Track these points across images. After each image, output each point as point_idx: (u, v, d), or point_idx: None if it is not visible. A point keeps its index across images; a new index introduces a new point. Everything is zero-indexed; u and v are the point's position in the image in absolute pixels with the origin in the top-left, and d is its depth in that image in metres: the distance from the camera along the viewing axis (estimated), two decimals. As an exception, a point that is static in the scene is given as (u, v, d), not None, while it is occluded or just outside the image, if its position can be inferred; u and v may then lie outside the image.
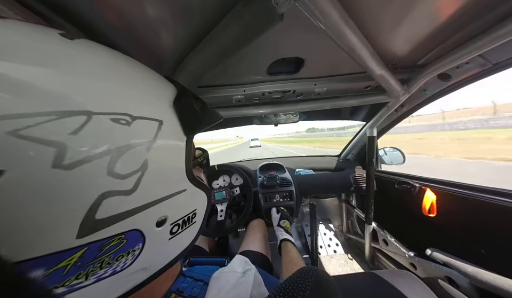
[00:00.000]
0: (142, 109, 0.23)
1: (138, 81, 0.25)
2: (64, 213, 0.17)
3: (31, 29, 0.19)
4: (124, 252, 0.21)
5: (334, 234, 1.83)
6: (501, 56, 0.64)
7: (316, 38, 0.56)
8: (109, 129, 0.19)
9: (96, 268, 0.19)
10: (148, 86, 0.26)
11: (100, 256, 0.19)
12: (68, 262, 0.17)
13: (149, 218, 0.23)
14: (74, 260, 0.18)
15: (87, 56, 0.21)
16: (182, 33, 0.50)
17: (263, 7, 0.38)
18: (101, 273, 0.20)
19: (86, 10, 0.41)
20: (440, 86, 0.87)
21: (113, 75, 0.22)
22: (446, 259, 0.81)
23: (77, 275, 0.18)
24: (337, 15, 0.42)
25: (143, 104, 0.24)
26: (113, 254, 0.20)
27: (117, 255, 0.20)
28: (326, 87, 0.86)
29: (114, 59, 0.24)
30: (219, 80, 0.79)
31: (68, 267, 0.17)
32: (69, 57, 0.20)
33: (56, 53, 0.19)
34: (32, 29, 0.19)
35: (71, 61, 0.20)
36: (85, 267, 0.18)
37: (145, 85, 0.26)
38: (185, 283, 0.30)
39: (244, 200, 1.27)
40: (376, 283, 0.75)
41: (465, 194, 0.84)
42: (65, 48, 0.20)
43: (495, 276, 0.65)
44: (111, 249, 0.20)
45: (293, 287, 0.22)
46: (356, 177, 1.40)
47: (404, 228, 1.17)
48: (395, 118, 1.20)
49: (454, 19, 0.52)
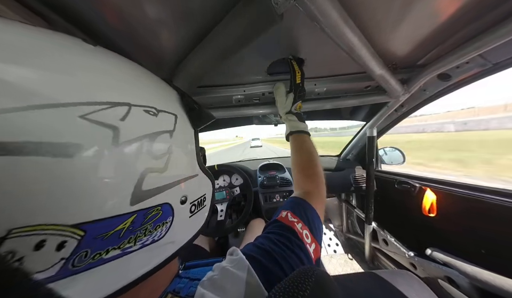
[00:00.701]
0: (163, 104, 0.28)
1: (156, 82, 0.30)
2: (121, 183, 0.21)
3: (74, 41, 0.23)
4: (160, 223, 0.25)
5: (334, 234, 1.83)
6: (501, 56, 0.64)
7: (316, 38, 0.56)
8: (144, 118, 0.24)
9: (141, 235, 0.23)
10: (163, 87, 0.31)
11: (144, 223, 0.23)
12: (123, 225, 0.21)
13: (175, 195, 0.28)
14: (127, 225, 0.22)
15: (117, 62, 0.27)
16: (182, 34, 0.50)
17: (263, 7, 0.38)
18: (144, 239, 0.24)
19: (86, 11, 0.41)
20: (440, 86, 0.87)
21: (138, 76, 0.28)
22: (446, 259, 0.81)
23: (128, 239, 0.22)
24: (337, 15, 0.42)
25: (163, 101, 0.29)
26: (153, 223, 0.24)
27: (155, 224, 0.25)
28: (326, 87, 0.86)
29: (134, 65, 0.29)
30: (219, 80, 0.79)
31: (123, 231, 0.21)
32: (108, 64, 0.25)
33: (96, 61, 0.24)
34: (75, 42, 0.23)
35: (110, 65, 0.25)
36: (134, 232, 0.22)
37: (161, 85, 0.31)
38: (182, 284, 0.30)
39: (244, 199, 1.27)
40: (376, 283, 0.75)
41: (465, 194, 0.84)
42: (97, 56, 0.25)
43: (495, 276, 0.65)
44: (152, 218, 0.24)
45: (293, 286, 0.22)
46: (356, 176, 1.40)
47: (404, 228, 1.17)
48: (395, 118, 1.20)
49: (454, 19, 0.52)
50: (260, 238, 0.37)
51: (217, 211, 1.18)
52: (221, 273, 0.29)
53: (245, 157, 2.70)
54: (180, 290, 0.28)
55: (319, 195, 0.50)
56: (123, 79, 0.25)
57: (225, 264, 0.31)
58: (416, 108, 1.07)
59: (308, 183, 0.53)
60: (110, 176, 0.20)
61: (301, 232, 0.36)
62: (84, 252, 0.19)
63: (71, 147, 0.17)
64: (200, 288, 0.27)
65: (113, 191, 0.20)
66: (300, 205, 0.43)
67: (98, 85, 0.22)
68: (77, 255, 0.18)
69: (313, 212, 0.43)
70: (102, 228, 0.20)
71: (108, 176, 0.20)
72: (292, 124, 0.65)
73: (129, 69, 0.27)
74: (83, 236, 0.18)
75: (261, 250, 0.33)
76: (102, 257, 0.20)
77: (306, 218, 0.40)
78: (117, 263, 0.22)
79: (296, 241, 0.34)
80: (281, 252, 0.32)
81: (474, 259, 0.74)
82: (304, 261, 0.32)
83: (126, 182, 0.21)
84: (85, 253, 0.19)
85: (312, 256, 0.35)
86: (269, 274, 0.29)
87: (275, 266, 0.30)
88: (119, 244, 0.21)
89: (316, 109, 0.97)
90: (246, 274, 0.28)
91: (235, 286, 0.27)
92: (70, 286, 0.18)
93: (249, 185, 1.25)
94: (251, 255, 0.31)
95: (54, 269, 0.17)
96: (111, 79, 0.23)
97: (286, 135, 0.67)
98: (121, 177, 0.21)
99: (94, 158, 0.19)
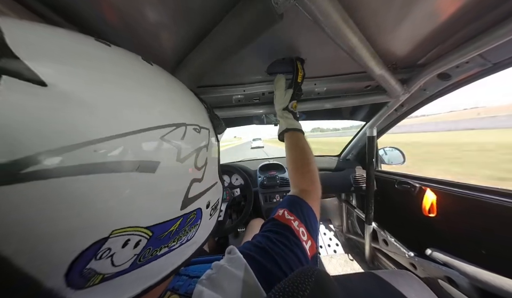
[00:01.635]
0: (201, 120, 0.31)
1: (192, 98, 0.33)
2: (178, 192, 0.25)
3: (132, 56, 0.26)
4: (194, 225, 0.29)
5: (334, 234, 1.83)
6: (501, 56, 0.64)
7: (316, 38, 0.56)
8: (193, 135, 0.28)
9: (181, 235, 0.26)
10: (197, 103, 0.34)
11: (185, 225, 0.27)
12: (174, 227, 0.24)
13: (204, 201, 0.30)
14: (176, 227, 0.25)
15: (172, 81, 0.30)
16: (182, 34, 0.50)
17: (263, 7, 0.38)
18: (183, 239, 0.27)
19: (86, 11, 0.41)
20: (440, 86, 0.87)
21: (185, 95, 0.31)
22: (446, 259, 0.81)
23: (173, 239, 0.25)
24: (337, 15, 0.42)
25: (201, 117, 0.32)
26: (189, 225, 0.27)
27: (191, 226, 0.28)
28: (326, 87, 0.86)
29: (179, 82, 0.32)
30: (219, 80, 0.79)
31: (172, 232, 0.24)
32: (166, 85, 0.28)
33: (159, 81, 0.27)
34: (135, 57, 0.26)
35: (169, 86, 0.28)
36: (178, 233, 0.26)
37: (195, 101, 0.33)
38: (181, 281, 0.30)
39: (244, 200, 1.27)
40: (376, 283, 0.75)
41: (465, 194, 0.84)
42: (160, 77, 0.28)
43: (495, 276, 0.65)
44: (189, 221, 0.27)
45: (293, 286, 0.22)
46: (356, 177, 1.40)
47: (404, 228, 1.17)
48: (395, 118, 1.20)
49: (454, 19, 0.52)
50: (258, 236, 0.37)
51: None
52: (218, 271, 0.29)
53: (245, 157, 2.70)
54: (179, 288, 0.28)
55: (314, 193, 0.51)
56: (180, 100, 0.29)
57: (223, 262, 0.31)
58: (416, 108, 1.07)
59: (304, 181, 0.53)
60: (173, 186, 0.24)
61: (298, 229, 0.37)
62: (148, 249, 0.22)
63: (154, 164, 0.21)
64: (199, 285, 0.27)
65: (173, 199, 0.24)
66: (296, 203, 0.44)
67: (169, 108, 0.26)
68: (144, 251, 0.22)
69: (309, 210, 0.43)
70: (162, 229, 0.23)
71: (172, 186, 0.24)
72: (288, 121, 0.64)
73: (179, 89, 0.30)
74: (151, 236, 0.22)
75: (259, 249, 0.33)
76: (156, 254, 0.23)
77: (302, 216, 0.40)
78: (163, 259, 0.25)
79: (294, 239, 0.35)
80: (279, 251, 0.32)
81: (474, 259, 0.74)
82: (302, 260, 0.33)
83: (180, 191, 0.25)
84: (148, 250, 0.22)
85: (309, 253, 0.35)
86: (267, 273, 0.29)
87: (273, 265, 0.30)
88: (167, 243, 0.24)
89: (315, 109, 0.97)
90: (243, 272, 0.28)
91: (232, 284, 0.27)
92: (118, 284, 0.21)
93: (249, 185, 1.25)
94: (249, 253, 0.32)
95: (128, 264, 0.21)
96: (174, 102, 0.27)
97: (279, 133, 0.66)
98: (179, 186, 0.25)
99: (166, 172, 0.23)
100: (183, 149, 0.25)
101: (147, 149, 0.21)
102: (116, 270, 0.20)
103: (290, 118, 0.64)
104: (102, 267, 0.19)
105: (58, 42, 0.19)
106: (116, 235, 0.19)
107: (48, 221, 0.15)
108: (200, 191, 0.29)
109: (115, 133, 0.19)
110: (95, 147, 0.17)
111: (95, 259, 0.18)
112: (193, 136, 0.27)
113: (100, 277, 0.19)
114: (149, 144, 0.21)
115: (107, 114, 0.19)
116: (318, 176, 0.55)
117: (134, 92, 0.22)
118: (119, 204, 0.19)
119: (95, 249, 0.18)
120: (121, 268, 0.20)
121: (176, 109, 0.27)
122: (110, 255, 0.19)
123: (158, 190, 0.22)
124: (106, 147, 0.18)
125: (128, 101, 0.21)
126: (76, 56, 0.19)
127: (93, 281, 0.18)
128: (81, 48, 0.20)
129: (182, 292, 0.27)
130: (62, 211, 0.16)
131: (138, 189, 0.20)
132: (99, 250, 0.18)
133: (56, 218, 0.16)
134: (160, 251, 0.24)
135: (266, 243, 0.34)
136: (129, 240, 0.20)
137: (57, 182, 0.15)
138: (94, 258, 0.18)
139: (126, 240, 0.20)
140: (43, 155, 0.15)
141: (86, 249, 0.17)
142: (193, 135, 0.28)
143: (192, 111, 0.30)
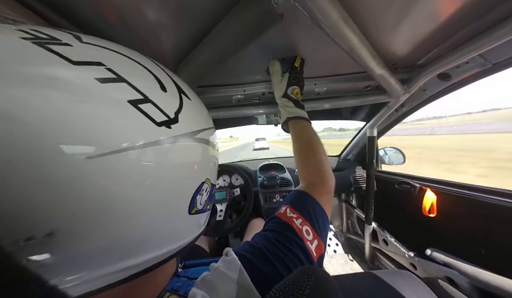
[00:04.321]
0: (212, 123, 0.39)
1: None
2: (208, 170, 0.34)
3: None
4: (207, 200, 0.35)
5: (334, 234, 1.83)
6: (501, 56, 0.64)
7: (316, 38, 0.56)
8: (214, 135, 0.38)
9: (206, 204, 0.35)
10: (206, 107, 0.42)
11: (212, 193, 0.37)
12: (212, 191, 0.37)
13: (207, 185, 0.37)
14: (212, 192, 0.37)
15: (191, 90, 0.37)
16: (183, 34, 0.50)
17: (263, 7, 0.38)
18: (208, 207, 0.36)
19: (86, 11, 0.41)
20: (440, 86, 0.87)
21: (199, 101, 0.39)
22: (446, 259, 0.81)
23: (209, 202, 0.36)
24: (337, 15, 0.42)
25: (212, 120, 0.39)
26: (209, 198, 0.36)
27: (209, 199, 0.36)
28: (326, 87, 0.86)
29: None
30: (219, 80, 0.79)
31: (212, 193, 0.37)
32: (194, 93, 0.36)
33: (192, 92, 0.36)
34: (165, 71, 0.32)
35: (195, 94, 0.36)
36: (210, 198, 0.36)
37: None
38: (180, 283, 0.30)
39: (244, 199, 1.27)
40: (376, 283, 0.75)
41: (465, 194, 0.84)
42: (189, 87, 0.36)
43: (495, 276, 0.65)
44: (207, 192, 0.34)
45: (293, 286, 0.22)
46: (356, 177, 1.40)
47: (404, 228, 1.17)
48: (395, 118, 1.20)
49: (454, 19, 0.52)
50: (257, 236, 0.36)
51: (217, 211, 1.18)
52: (213, 273, 0.29)
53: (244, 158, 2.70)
54: (178, 289, 0.28)
55: (323, 186, 0.46)
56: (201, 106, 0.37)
57: (218, 264, 0.30)
58: (417, 108, 1.07)
59: (310, 173, 0.50)
60: (208, 166, 0.34)
61: (300, 228, 0.34)
62: (206, 201, 0.33)
63: (215, 146, 0.37)
64: (195, 288, 0.27)
65: (209, 174, 0.34)
66: (300, 199, 0.41)
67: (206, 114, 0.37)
68: (206, 200, 0.33)
69: (315, 206, 0.40)
70: (209, 187, 0.34)
71: (207, 166, 0.34)
72: (288, 109, 0.59)
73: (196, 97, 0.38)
74: (213, 186, 0.36)
75: (254, 250, 0.32)
76: (203, 208, 0.33)
77: (307, 212, 0.38)
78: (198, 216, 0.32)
79: (295, 239, 0.33)
80: (276, 252, 0.31)
81: (474, 259, 0.74)
82: (303, 260, 0.31)
83: (207, 170, 0.33)
84: (205, 201, 0.33)
85: (314, 253, 0.33)
86: (260, 274, 0.28)
87: (267, 266, 0.29)
88: (207, 203, 0.34)
89: (315, 109, 0.97)
90: (238, 274, 0.27)
91: (226, 287, 0.26)
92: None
93: (249, 185, 1.25)
94: (243, 254, 0.31)
95: (202, 205, 0.32)
96: (204, 108, 0.38)
97: (282, 124, 0.62)
98: (208, 168, 0.34)
99: (214, 154, 0.36)
100: (210, 142, 0.35)
101: (213, 137, 0.36)
102: (200, 207, 0.31)
103: (291, 106, 0.59)
104: (198, 201, 0.30)
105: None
106: (206, 181, 0.32)
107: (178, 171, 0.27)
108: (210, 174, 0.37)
109: (206, 127, 0.34)
110: (205, 132, 0.33)
111: (199, 194, 0.30)
112: (213, 136, 0.37)
113: (195, 209, 0.30)
114: (212, 136, 0.36)
115: (203, 115, 0.35)
116: (329, 167, 0.50)
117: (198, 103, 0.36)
118: (204, 164, 0.32)
119: (200, 187, 0.30)
120: (201, 207, 0.32)
121: (206, 115, 0.37)
122: (202, 193, 0.31)
123: (210, 161, 0.35)
124: (207, 132, 0.34)
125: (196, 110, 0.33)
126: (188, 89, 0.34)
127: (193, 210, 0.29)
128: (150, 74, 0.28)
129: (181, 293, 0.27)
130: (185, 166, 0.28)
131: (209, 156, 0.34)
132: (201, 187, 0.31)
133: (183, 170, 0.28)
134: (205, 206, 0.33)
135: (263, 243, 0.33)
136: (208, 187, 0.33)
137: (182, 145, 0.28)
138: (198, 193, 0.30)
139: (206, 187, 0.32)
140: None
141: (199, 186, 0.30)
142: (213, 132, 0.38)
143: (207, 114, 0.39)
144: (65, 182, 0.17)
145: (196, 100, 0.34)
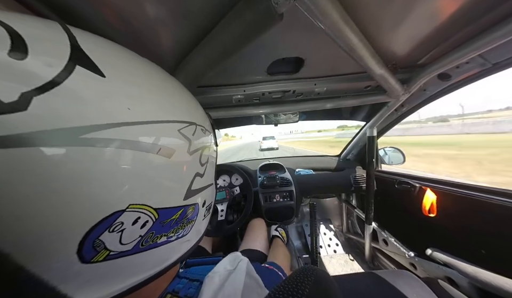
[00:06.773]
0: (206, 124, 0.36)
1: (200, 106, 0.37)
2: (185, 181, 0.27)
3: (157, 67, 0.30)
4: (191, 220, 0.30)
5: (334, 234, 1.83)
6: (500, 56, 0.64)
7: (316, 38, 0.56)
8: (201, 134, 0.32)
9: (179, 228, 0.27)
10: (202, 109, 0.38)
11: (183, 218, 0.28)
12: (175, 216, 0.26)
13: (202, 197, 0.33)
14: (177, 216, 0.26)
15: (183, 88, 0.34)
16: (182, 34, 0.50)
17: (263, 7, 0.38)
18: (180, 233, 0.28)
19: (86, 10, 0.41)
20: (440, 86, 0.87)
21: (195, 100, 0.36)
22: (446, 259, 0.81)
23: (173, 230, 0.26)
24: (337, 15, 0.42)
25: (206, 122, 0.37)
26: (187, 219, 0.29)
27: (188, 220, 0.29)
28: (326, 87, 0.86)
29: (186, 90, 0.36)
30: (219, 80, 0.79)
31: (173, 221, 0.26)
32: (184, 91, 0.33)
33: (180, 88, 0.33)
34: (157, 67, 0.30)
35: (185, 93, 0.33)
36: (177, 224, 0.27)
37: (201, 107, 0.37)
38: (181, 284, 0.30)
39: (244, 199, 1.27)
40: (376, 283, 0.75)
41: (465, 194, 0.84)
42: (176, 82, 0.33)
43: (495, 276, 0.65)
44: (187, 215, 0.29)
45: (293, 285, 0.22)
46: (356, 176, 1.39)
47: (404, 228, 1.17)
48: (395, 118, 1.20)
49: (454, 19, 0.52)
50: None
51: (218, 211, 1.18)
52: (221, 274, 0.30)
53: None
54: (179, 290, 0.28)
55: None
56: (193, 104, 0.34)
57: (226, 264, 0.32)
58: (416, 108, 1.07)
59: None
60: (182, 174, 0.27)
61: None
62: (151, 233, 0.23)
63: (171, 150, 0.24)
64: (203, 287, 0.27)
65: (180, 186, 0.27)
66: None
67: (186, 108, 0.31)
68: (147, 234, 0.23)
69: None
70: (167, 215, 0.24)
71: (181, 174, 0.27)
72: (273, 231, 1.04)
73: (191, 96, 0.35)
74: (156, 219, 0.23)
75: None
76: (156, 241, 0.24)
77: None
78: (161, 249, 0.25)
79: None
80: None
81: (474, 259, 0.74)
82: None
83: (186, 181, 0.28)
84: (151, 235, 0.23)
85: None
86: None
87: None
88: (167, 232, 0.25)
89: (315, 109, 0.97)
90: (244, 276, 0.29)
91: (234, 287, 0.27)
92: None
93: (249, 185, 1.24)
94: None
95: (132, 244, 0.21)
96: (189, 103, 0.32)
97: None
98: (186, 176, 0.28)
99: (179, 160, 0.26)
100: (192, 144, 0.28)
101: (167, 137, 0.25)
102: (121, 249, 0.20)
103: (275, 231, 1.04)
104: (111, 241, 0.20)
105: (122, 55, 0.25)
106: (131, 209, 0.20)
107: (82, 186, 0.17)
108: (201, 186, 0.31)
109: (148, 120, 0.23)
110: (131, 128, 0.21)
111: (108, 231, 0.19)
112: (200, 135, 0.31)
113: (106, 253, 0.19)
114: (169, 133, 0.25)
115: (146, 105, 0.24)
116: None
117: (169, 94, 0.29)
118: (138, 180, 0.21)
119: (111, 220, 0.19)
120: (125, 248, 0.21)
121: (190, 111, 0.31)
122: (121, 229, 0.20)
123: (170, 175, 0.25)
124: (140, 129, 0.22)
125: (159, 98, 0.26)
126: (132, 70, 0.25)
127: (99, 256, 0.19)
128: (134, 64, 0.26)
129: (182, 295, 0.27)
130: (96, 179, 0.18)
131: (155, 170, 0.23)
132: (114, 222, 0.19)
133: (89, 184, 0.18)
134: (160, 239, 0.25)
135: None
136: (140, 217, 0.21)
137: (98, 150, 0.18)
138: (107, 230, 0.19)
139: (137, 217, 0.21)
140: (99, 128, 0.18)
141: (104, 218, 0.18)
142: (201, 134, 0.32)
143: (201, 115, 0.35)
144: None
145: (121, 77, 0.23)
